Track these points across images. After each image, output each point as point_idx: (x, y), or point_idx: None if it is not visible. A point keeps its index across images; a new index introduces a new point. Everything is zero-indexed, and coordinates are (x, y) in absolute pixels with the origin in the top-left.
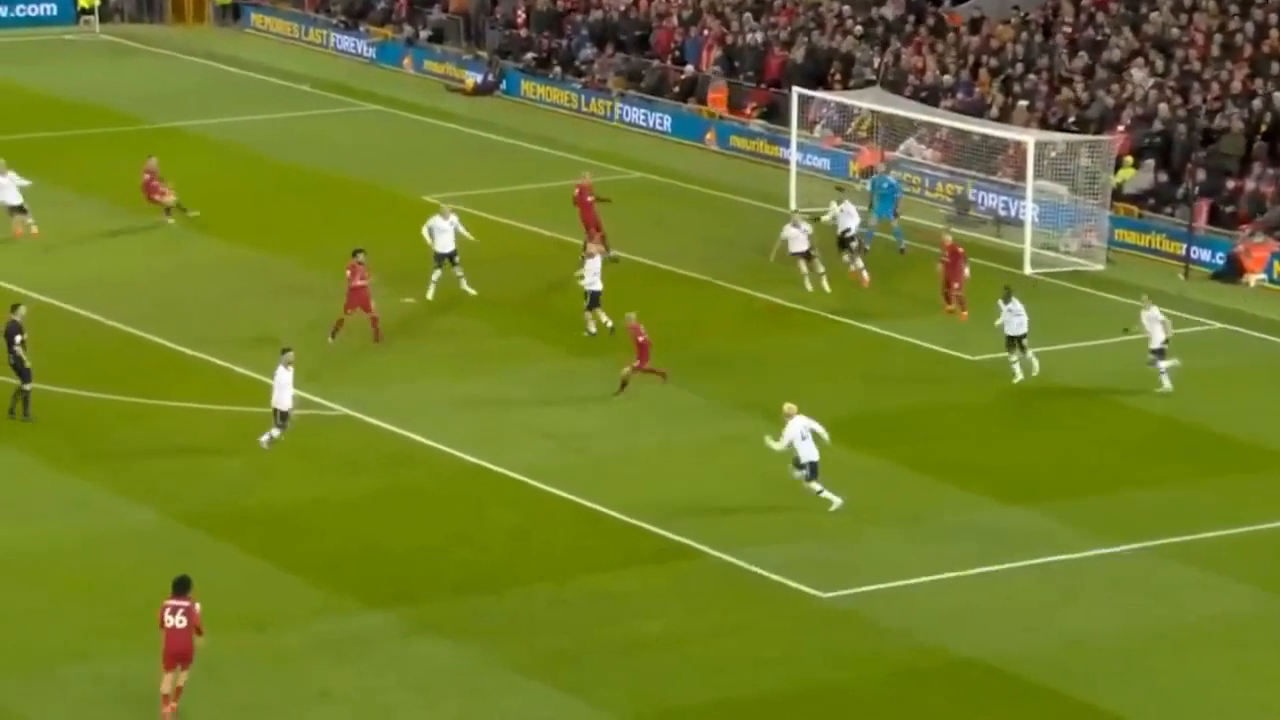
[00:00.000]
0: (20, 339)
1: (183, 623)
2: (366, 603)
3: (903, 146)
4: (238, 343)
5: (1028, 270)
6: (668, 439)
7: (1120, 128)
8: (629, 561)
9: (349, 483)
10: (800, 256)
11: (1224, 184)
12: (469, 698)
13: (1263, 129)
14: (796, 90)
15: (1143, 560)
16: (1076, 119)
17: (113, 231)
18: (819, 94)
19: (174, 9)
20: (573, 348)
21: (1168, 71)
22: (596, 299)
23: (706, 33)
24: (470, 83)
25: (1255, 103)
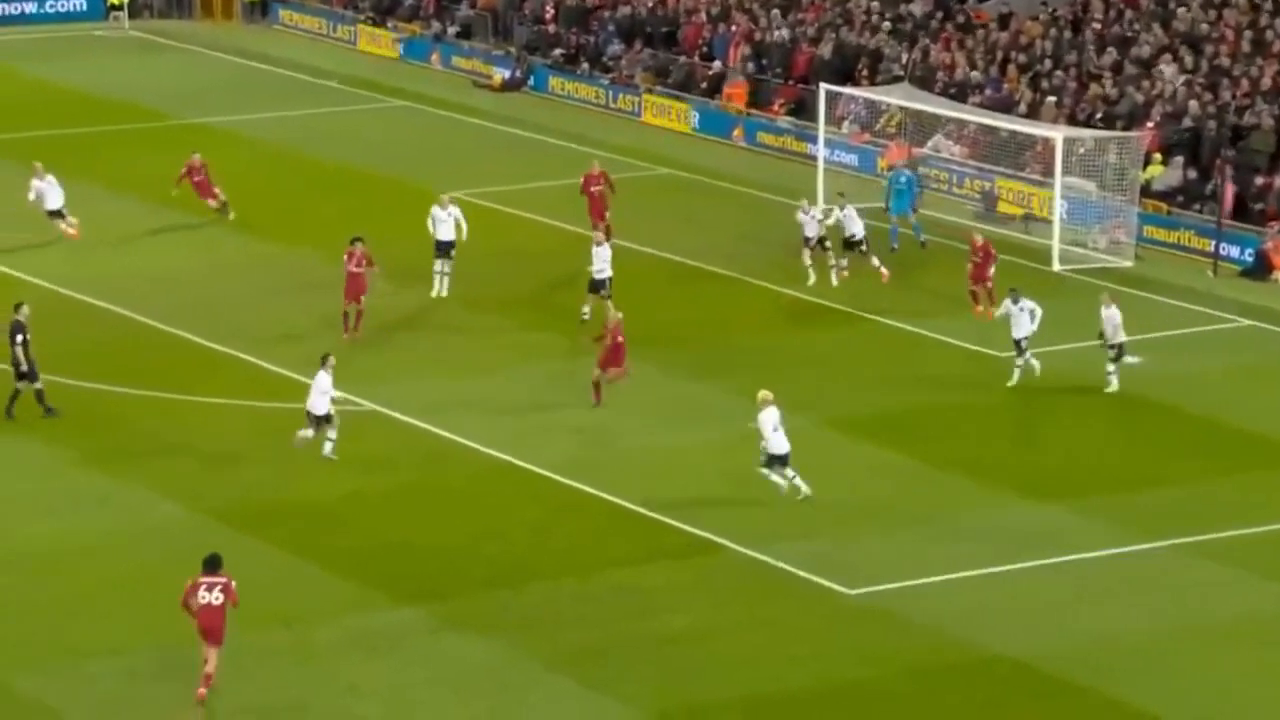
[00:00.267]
0: (22, 338)
1: (219, 599)
2: (395, 598)
3: (930, 143)
4: (267, 339)
5: (1056, 267)
6: (693, 434)
7: (1149, 124)
8: (654, 557)
9: (377, 479)
10: (807, 244)
11: (1253, 181)
12: (496, 693)
13: None
14: (824, 86)
15: (1169, 558)
16: (1105, 115)
17: (143, 228)
18: (847, 90)
19: (203, 5)
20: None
21: (1197, 68)
22: (599, 285)
23: (734, 29)
24: (498, 78)
25: None
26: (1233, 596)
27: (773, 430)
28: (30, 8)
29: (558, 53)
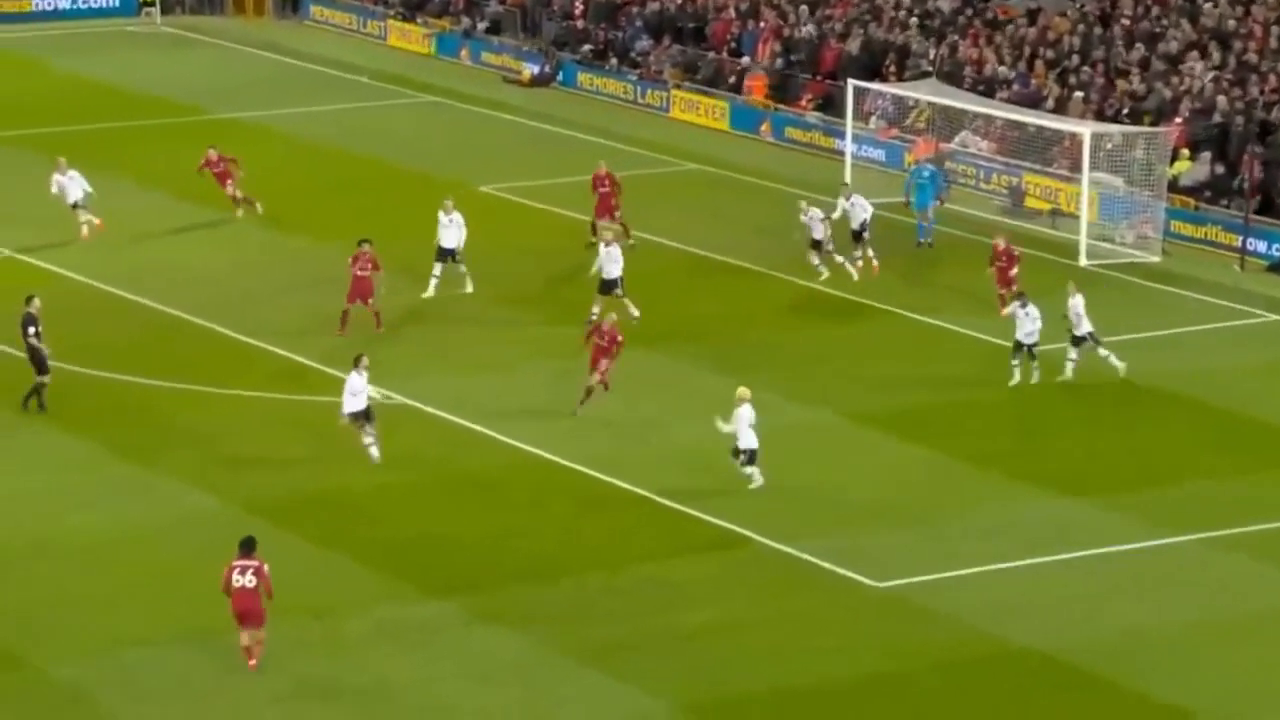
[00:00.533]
0: (34, 330)
1: (251, 582)
2: (425, 591)
3: (958, 138)
4: (299, 332)
5: (1083, 262)
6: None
7: (1177, 120)
8: (682, 550)
9: (407, 472)
10: (816, 247)
11: None
12: (526, 686)
13: None
14: (852, 82)
15: (1197, 551)
16: (1132, 111)
17: (174, 222)
18: (874, 85)
19: (234, 1)
20: (629, 337)
21: (1225, 64)
22: (610, 285)
23: (763, 25)
24: (527, 74)
25: None
26: (1262, 589)
27: (747, 426)
28: (64, 3)
29: (586, 48)
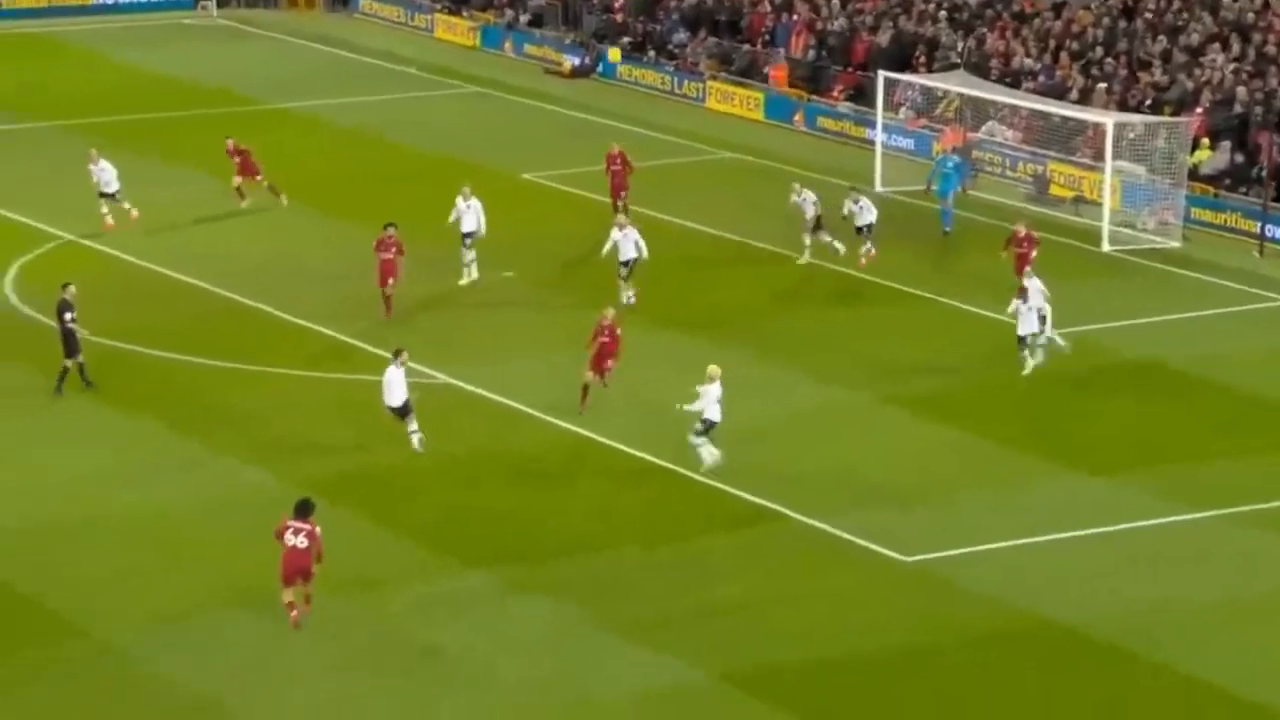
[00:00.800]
0: (70, 316)
1: (304, 544)
2: (466, 563)
3: (985, 128)
4: (344, 314)
5: (1105, 247)
6: (753, 408)
7: (1198, 110)
8: (716, 526)
9: (450, 448)
10: (807, 228)
11: None
12: (563, 657)
13: None
14: (882, 73)
15: (1222, 527)
16: (1155, 101)
17: (224, 207)
18: (904, 76)
19: None
20: (657, 319)
21: (1244, 55)
22: (625, 265)
23: (796, 18)
24: (568, 65)
25: None
26: (1273, 564)
27: (714, 402)
28: None
29: (625, 40)
